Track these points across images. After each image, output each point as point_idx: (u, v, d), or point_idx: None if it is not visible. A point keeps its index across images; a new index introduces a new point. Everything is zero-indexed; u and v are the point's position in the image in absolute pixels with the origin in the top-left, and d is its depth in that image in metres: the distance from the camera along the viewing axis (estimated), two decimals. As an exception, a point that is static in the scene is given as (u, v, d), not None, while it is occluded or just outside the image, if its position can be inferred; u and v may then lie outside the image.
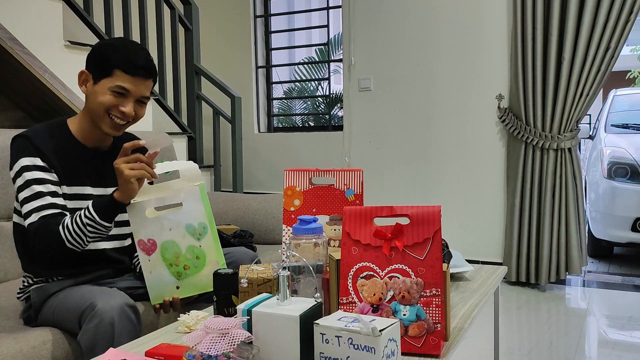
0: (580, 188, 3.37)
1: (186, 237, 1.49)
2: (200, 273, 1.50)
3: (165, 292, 1.50)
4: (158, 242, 1.48)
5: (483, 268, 1.79)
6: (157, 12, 3.54)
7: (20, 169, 1.48)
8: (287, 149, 4.40)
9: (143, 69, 1.51)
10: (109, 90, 1.49)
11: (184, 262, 1.49)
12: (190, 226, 1.49)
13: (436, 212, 1.11)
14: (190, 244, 1.49)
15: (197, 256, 1.49)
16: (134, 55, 1.50)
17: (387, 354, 0.94)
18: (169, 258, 1.49)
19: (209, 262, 1.49)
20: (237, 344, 0.92)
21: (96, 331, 1.32)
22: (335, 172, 1.47)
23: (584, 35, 3.16)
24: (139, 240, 1.49)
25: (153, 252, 1.49)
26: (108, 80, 1.49)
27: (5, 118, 2.82)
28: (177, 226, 1.48)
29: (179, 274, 1.50)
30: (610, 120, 4.61)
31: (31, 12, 2.73)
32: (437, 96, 3.78)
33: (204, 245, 1.49)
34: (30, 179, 1.47)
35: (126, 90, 1.50)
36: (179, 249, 1.49)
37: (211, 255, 1.49)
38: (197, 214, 1.49)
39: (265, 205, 2.68)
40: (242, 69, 4.59)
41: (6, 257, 1.98)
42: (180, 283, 1.50)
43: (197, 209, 1.49)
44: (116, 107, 1.50)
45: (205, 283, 1.50)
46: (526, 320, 2.89)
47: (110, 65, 1.49)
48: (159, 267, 1.49)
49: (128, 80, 1.49)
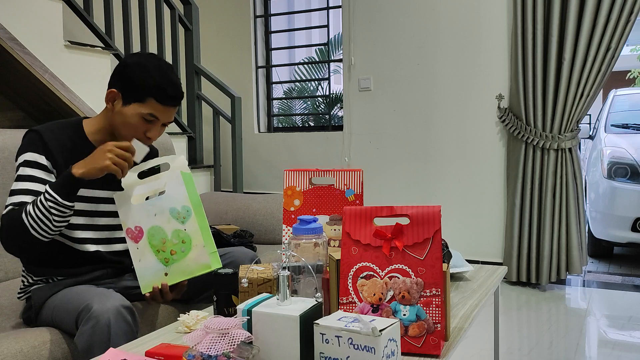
0: (581, 188, 3.36)
1: (171, 221, 1.49)
2: (187, 257, 1.49)
3: (155, 280, 1.51)
4: (145, 228, 1.50)
5: (483, 268, 1.79)
6: (157, 12, 3.54)
7: (22, 162, 1.50)
8: (287, 149, 4.40)
9: (175, 98, 1.52)
10: (139, 116, 1.50)
11: (170, 247, 1.49)
12: (174, 210, 1.49)
13: (436, 212, 1.11)
14: (175, 228, 1.49)
15: (182, 240, 1.49)
16: (168, 84, 1.50)
17: (387, 354, 0.94)
18: (155, 244, 1.50)
19: (194, 245, 1.48)
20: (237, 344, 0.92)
21: (92, 333, 1.32)
22: (335, 172, 1.47)
23: (585, 36, 3.16)
24: (127, 229, 1.51)
25: (140, 239, 1.50)
26: (139, 105, 1.50)
27: (5, 118, 2.82)
28: (161, 211, 1.49)
29: (166, 260, 1.50)
30: (610, 120, 4.61)
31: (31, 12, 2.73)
32: (437, 96, 3.78)
33: (189, 229, 1.48)
34: (24, 175, 1.48)
35: (156, 118, 1.52)
36: (165, 235, 1.49)
37: (196, 239, 1.48)
38: (179, 197, 1.49)
39: (265, 205, 2.68)
40: (242, 69, 4.59)
41: (6, 257, 1.98)
42: (168, 269, 1.50)
43: (179, 192, 1.49)
44: (144, 133, 1.53)
45: (192, 268, 1.49)
46: (526, 320, 2.89)
47: (144, 92, 1.49)
48: (147, 254, 1.50)
49: (160, 109, 1.51)
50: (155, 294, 1.51)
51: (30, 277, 1.59)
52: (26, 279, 1.60)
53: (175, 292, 1.56)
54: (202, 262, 1.47)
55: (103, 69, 3.05)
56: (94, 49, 3.03)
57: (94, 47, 3.04)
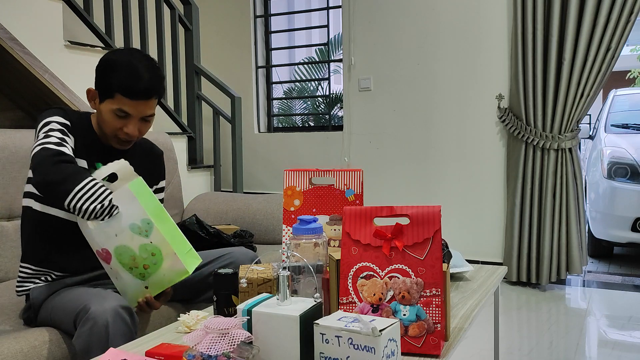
0: (581, 188, 3.36)
1: (134, 237, 1.44)
2: (161, 268, 1.45)
3: (137, 294, 1.49)
4: (110, 249, 1.46)
5: (483, 268, 1.79)
6: (157, 12, 3.54)
7: (49, 121, 1.48)
8: (287, 149, 4.40)
9: (143, 92, 1.50)
10: (111, 112, 1.51)
11: (142, 262, 1.45)
12: (134, 225, 1.43)
13: (436, 212, 1.11)
14: (140, 243, 1.44)
15: (152, 253, 1.44)
16: (134, 79, 1.49)
17: (387, 354, 0.94)
18: (126, 262, 1.46)
19: (165, 255, 1.43)
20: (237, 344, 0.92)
21: (90, 334, 1.32)
22: (335, 172, 1.47)
23: (585, 36, 3.16)
24: (96, 250, 1.48)
25: (110, 260, 1.47)
26: (110, 102, 1.51)
27: (5, 118, 2.82)
28: (121, 230, 1.44)
29: (142, 275, 1.47)
30: (610, 120, 4.61)
31: (31, 12, 2.73)
32: (437, 96, 3.78)
33: (155, 241, 1.43)
34: (55, 128, 1.47)
35: (127, 114, 1.51)
36: (133, 252, 1.45)
37: (165, 248, 1.43)
38: (135, 212, 1.43)
39: (265, 205, 2.68)
40: (242, 69, 4.59)
41: (6, 257, 1.98)
42: (147, 283, 1.48)
43: (134, 207, 1.43)
44: (120, 129, 1.53)
45: (170, 277, 1.46)
46: (526, 320, 2.89)
47: (110, 88, 1.49)
48: (121, 272, 1.47)
49: (128, 103, 1.50)
50: (142, 306, 1.50)
51: (29, 269, 1.58)
52: (24, 271, 1.59)
53: (163, 299, 1.55)
54: (177, 269, 1.44)
55: (103, 69, 3.04)
56: (94, 49, 3.03)
57: (94, 47, 3.03)
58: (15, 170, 2.03)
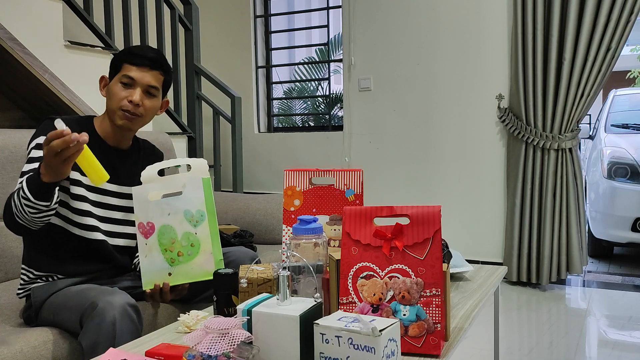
0: (581, 188, 3.36)
1: (183, 223, 1.51)
2: (192, 261, 1.51)
3: (157, 278, 1.52)
4: (156, 225, 1.51)
5: (483, 268, 1.79)
6: (157, 12, 3.54)
7: (34, 145, 1.53)
8: (287, 149, 4.40)
9: (148, 59, 1.58)
10: (118, 82, 1.58)
11: (178, 249, 1.51)
12: (189, 212, 1.51)
13: (436, 212, 1.11)
14: (186, 230, 1.51)
15: (191, 244, 1.50)
16: (139, 49, 1.60)
17: (387, 354, 0.94)
18: (164, 243, 1.51)
19: (202, 251, 1.50)
20: (237, 344, 0.91)
21: (98, 330, 1.32)
22: (335, 172, 1.47)
23: (585, 36, 3.16)
24: (139, 223, 1.52)
25: (151, 235, 1.51)
26: (118, 75, 1.58)
27: (5, 118, 2.82)
28: (176, 212, 1.51)
29: (172, 260, 1.51)
30: (610, 120, 4.61)
31: (31, 12, 2.73)
32: (437, 96, 3.78)
33: (200, 234, 1.50)
34: (35, 157, 1.51)
35: (132, 80, 1.57)
36: (175, 235, 1.51)
37: (206, 245, 1.50)
38: (196, 201, 1.51)
39: (265, 205, 2.68)
40: (242, 69, 4.59)
41: (6, 257, 1.98)
42: (172, 270, 1.51)
43: (197, 196, 1.51)
44: (125, 98, 1.57)
45: (196, 272, 1.50)
46: (526, 320, 2.89)
47: (119, 61, 1.59)
48: (154, 251, 1.51)
49: (133, 70, 1.57)
50: (156, 292, 1.51)
51: (31, 273, 1.58)
52: (26, 275, 1.59)
53: (175, 294, 1.56)
54: (206, 269, 1.49)
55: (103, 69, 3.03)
56: (94, 49, 3.03)
57: (94, 47, 3.03)
58: (15, 170, 2.03)
